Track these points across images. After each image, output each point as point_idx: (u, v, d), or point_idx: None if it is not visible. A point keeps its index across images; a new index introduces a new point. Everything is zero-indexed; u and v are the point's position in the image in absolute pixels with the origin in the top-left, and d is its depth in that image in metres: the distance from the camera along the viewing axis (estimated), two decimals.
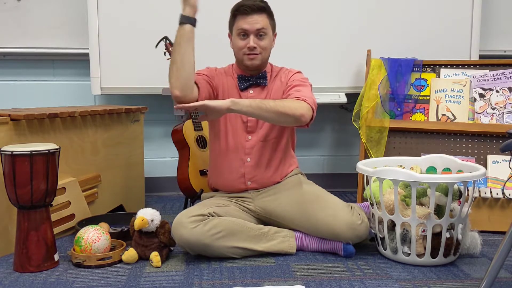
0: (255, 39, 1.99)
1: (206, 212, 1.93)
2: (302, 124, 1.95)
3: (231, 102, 1.84)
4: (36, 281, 1.74)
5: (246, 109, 1.87)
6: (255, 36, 1.99)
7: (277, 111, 1.88)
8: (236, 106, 1.85)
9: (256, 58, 2.01)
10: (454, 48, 2.90)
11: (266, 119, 1.94)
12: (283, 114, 1.89)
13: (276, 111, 1.88)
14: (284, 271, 1.82)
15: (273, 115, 1.89)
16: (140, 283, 1.72)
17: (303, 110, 1.91)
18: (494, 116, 2.49)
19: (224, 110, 1.85)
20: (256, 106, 1.87)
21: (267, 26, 2.01)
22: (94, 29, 2.78)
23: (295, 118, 1.90)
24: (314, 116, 1.97)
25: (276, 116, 1.89)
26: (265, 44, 2.02)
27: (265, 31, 2.00)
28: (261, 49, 2.01)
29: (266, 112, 1.87)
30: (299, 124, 1.95)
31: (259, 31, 1.99)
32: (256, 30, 1.98)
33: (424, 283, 1.72)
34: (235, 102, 1.85)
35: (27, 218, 1.82)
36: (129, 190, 2.67)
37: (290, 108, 1.89)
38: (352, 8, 2.88)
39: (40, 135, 2.13)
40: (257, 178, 2.09)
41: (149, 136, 3.11)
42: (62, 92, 3.05)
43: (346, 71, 2.92)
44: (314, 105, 1.97)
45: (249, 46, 1.98)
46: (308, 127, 2.01)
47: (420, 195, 1.88)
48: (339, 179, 3.23)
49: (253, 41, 1.98)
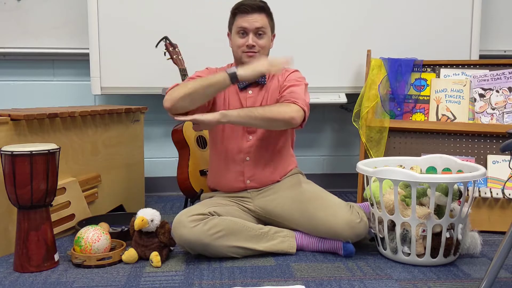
0: (254, 37, 2.00)
1: (206, 211, 1.93)
2: (294, 126, 1.97)
3: (220, 115, 1.89)
4: (36, 281, 1.74)
5: (235, 119, 1.90)
6: (254, 35, 2.00)
7: (266, 117, 1.91)
8: (225, 118, 1.89)
9: (254, 56, 2.02)
10: (454, 48, 2.91)
11: (257, 126, 1.99)
12: (273, 119, 1.92)
13: (265, 118, 1.91)
14: (284, 271, 1.82)
15: (263, 122, 1.92)
16: (140, 283, 1.72)
17: (292, 113, 1.93)
18: (494, 116, 2.49)
19: (214, 122, 1.90)
20: (245, 115, 1.90)
21: (266, 25, 2.02)
22: (94, 29, 2.78)
23: (285, 122, 1.93)
24: (306, 117, 1.99)
25: (266, 122, 1.93)
26: (264, 43, 2.03)
27: (264, 30, 2.02)
28: (260, 47, 2.02)
29: (255, 120, 1.91)
30: (291, 127, 1.98)
31: (258, 30, 2.00)
32: (255, 29, 1.99)
33: (424, 283, 1.72)
34: (224, 114, 1.89)
35: (27, 218, 1.82)
36: (129, 190, 2.67)
37: (279, 113, 1.92)
38: (352, 8, 2.88)
39: (40, 135, 2.13)
40: (256, 177, 2.09)
41: (149, 136, 3.11)
42: (62, 92, 3.05)
43: (346, 71, 2.92)
44: (306, 106, 1.98)
45: (248, 44, 2.00)
46: (302, 127, 2.02)
47: (420, 195, 1.87)
48: (339, 179, 3.23)
49: (252, 39, 2.00)
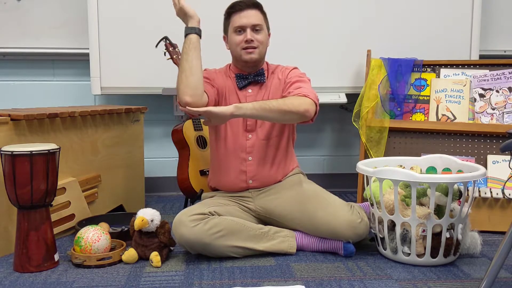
0: (251, 32, 2.01)
1: (206, 211, 1.93)
2: (307, 119, 1.97)
3: (235, 108, 1.86)
4: (36, 281, 1.74)
5: (250, 112, 1.88)
6: (251, 30, 2.01)
7: (281, 109, 1.89)
8: (240, 110, 1.87)
9: (254, 52, 2.02)
10: (454, 48, 2.91)
11: (271, 119, 1.96)
12: (288, 112, 1.90)
13: (280, 110, 1.89)
14: (284, 271, 1.82)
15: (278, 115, 1.90)
16: (140, 283, 1.72)
17: (306, 106, 1.92)
18: (494, 116, 2.49)
19: (228, 116, 1.87)
20: (260, 108, 1.88)
21: (262, 22, 2.04)
22: (94, 29, 2.78)
23: (299, 114, 1.92)
24: (318, 110, 1.99)
25: (280, 115, 1.91)
26: (262, 38, 2.04)
27: (260, 27, 2.03)
28: (258, 42, 2.02)
29: (270, 112, 1.89)
30: (304, 120, 1.97)
31: (255, 26, 2.01)
32: (252, 25, 2.00)
33: (424, 283, 1.72)
34: (239, 107, 1.87)
35: (27, 218, 1.82)
36: (129, 190, 2.67)
37: (293, 105, 1.91)
38: (352, 8, 2.88)
39: (40, 135, 2.13)
40: (259, 177, 2.09)
41: (149, 136, 3.11)
42: (62, 92, 3.05)
43: (346, 71, 2.92)
44: (316, 99, 1.99)
45: (247, 39, 2.00)
46: (313, 121, 2.02)
47: (420, 195, 1.87)
48: (339, 179, 3.23)
49: (250, 34, 2.00)
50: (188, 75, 1.88)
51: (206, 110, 1.84)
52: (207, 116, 1.87)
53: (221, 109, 1.86)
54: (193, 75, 1.88)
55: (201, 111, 1.86)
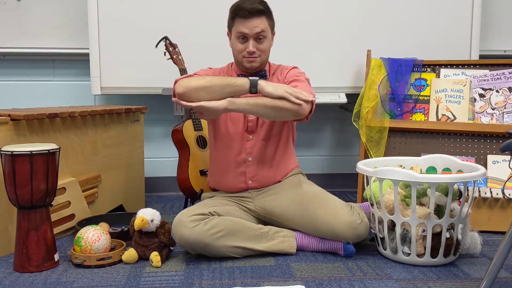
0: (254, 43, 1.99)
1: (206, 211, 1.93)
2: (301, 117, 1.94)
3: (228, 102, 1.86)
4: (36, 281, 1.74)
5: (243, 107, 1.88)
6: (254, 40, 1.99)
7: (275, 106, 1.88)
8: (233, 105, 1.86)
9: (255, 61, 2.01)
10: (454, 48, 2.91)
11: (265, 115, 1.95)
12: (281, 108, 1.88)
13: (274, 106, 1.88)
14: (284, 271, 1.82)
15: (271, 111, 1.89)
16: (140, 283, 1.72)
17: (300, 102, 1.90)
18: (494, 116, 2.49)
19: (221, 110, 1.87)
20: (253, 103, 1.88)
21: (266, 28, 2.00)
22: (94, 29, 2.78)
23: (293, 112, 1.89)
24: (313, 109, 1.96)
25: (274, 111, 1.89)
26: (264, 47, 2.02)
27: (264, 34, 2.00)
28: (260, 52, 2.01)
29: (263, 108, 1.88)
30: (299, 118, 1.94)
31: (258, 35, 1.98)
32: (255, 34, 1.98)
33: (424, 283, 1.72)
34: (232, 102, 1.86)
35: (27, 218, 1.82)
36: (129, 190, 2.67)
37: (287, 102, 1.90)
38: (352, 8, 2.88)
39: (40, 135, 2.13)
40: (259, 177, 2.09)
41: (149, 136, 3.11)
42: (62, 92, 3.05)
43: (346, 71, 2.92)
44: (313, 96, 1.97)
45: (249, 50, 1.99)
46: (308, 119, 1.99)
47: (420, 195, 1.87)
48: (339, 179, 3.23)
49: (252, 45, 1.98)
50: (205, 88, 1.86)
51: (199, 105, 1.85)
52: (199, 111, 1.88)
53: (214, 103, 1.85)
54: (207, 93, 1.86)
55: (193, 106, 1.86)
